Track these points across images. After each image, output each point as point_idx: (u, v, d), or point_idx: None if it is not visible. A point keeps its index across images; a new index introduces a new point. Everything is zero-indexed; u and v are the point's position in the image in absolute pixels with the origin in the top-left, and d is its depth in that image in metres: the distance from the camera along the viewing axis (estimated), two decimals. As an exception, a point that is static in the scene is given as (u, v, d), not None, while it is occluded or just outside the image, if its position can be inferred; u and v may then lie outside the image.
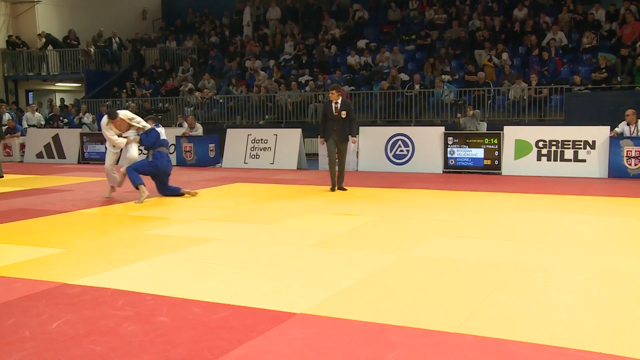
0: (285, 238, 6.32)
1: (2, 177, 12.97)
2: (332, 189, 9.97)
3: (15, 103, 22.94)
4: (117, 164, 9.68)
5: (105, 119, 9.38)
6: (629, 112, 11.74)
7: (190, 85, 20.13)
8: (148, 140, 9.31)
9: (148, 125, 9.42)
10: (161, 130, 9.54)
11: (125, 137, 9.33)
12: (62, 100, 23.56)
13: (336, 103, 9.82)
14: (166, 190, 9.40)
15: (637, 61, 15.01)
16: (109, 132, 9.29)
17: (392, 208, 8.18)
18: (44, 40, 22.71)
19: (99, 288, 4.55)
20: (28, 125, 19.28)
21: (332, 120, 9.88)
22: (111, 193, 9.53)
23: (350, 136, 10.00)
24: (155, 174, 9.31)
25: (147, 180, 9.17)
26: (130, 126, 9.38)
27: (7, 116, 18.64)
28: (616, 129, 11.80)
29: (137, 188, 8.93)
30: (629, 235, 6.34)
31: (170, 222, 7.26)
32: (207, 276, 4.86)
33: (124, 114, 9.42)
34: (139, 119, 9.54)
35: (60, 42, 23.08)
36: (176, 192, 9.44)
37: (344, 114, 9.79)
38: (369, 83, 17.96)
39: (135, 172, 9.01)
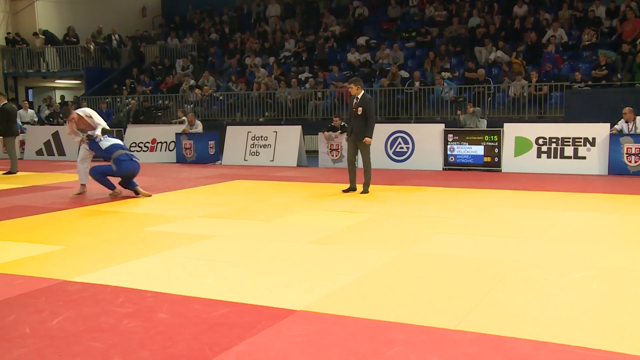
0: (285, 235, 6.32)
1: (16, 172, 13.00)
2: (346, 189, 9.42)
3: (15, 100, 22.92)
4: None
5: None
6: (627, 110, 11.74)
7: (191, 81, 20.14)
8: (95, 148, 9.25)
9: (98, 132, 9.24)
10: (111, 140, 9.27)
11: (88, 135, 9.36)
12: (62, 97, 23.53)
13: (356, 98, 9.31)
14: (129, 184, 9.23)
15: (638, 58, 15.01)
16: (68, 130, 9.64)
17: (392, 205, 8.19)
18: (42, 38, 22.67)
19: (99, 285, 4.56)
20: (22, 122, 19.25)
21: (352, 117, 9.42)
22: (82, 190, 9.52)
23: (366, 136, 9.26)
24: (124, 176, 9.12)
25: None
26: (93, 124, 9.38)
27: None
28: (615, 126, 11.80)
29: (112, 192, 9.09)
30: (628, 232, 6.34)
31: (170, 219, 7.27)
32: (207, 273, 4.86)
33: (83, 111, 9.48)
34: (99, 119, 9.48)
35: (58, 39, 23.04)
36: (133, 187, 9.19)
37: (360, 110, 9.20)
38: (369, 80, 17.95)
39: (104, 176, 8.99)
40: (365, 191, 9.32)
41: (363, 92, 9.39)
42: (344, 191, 9.47)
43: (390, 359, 3.16)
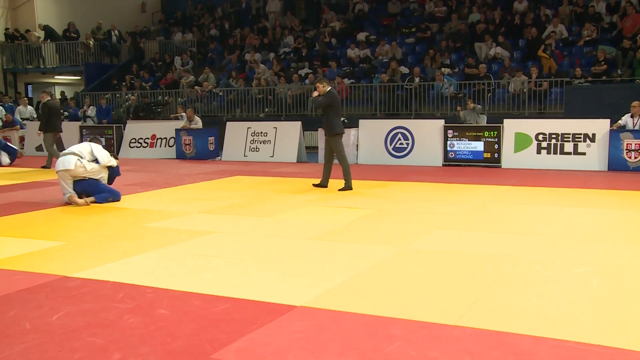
0: (285, 231, 6.32)
1: (50, 168, 13.11)
2: (317, 184, 9.52)
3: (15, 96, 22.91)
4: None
5: None
6: (635, 103, 11.69)
7: (191, 77, 20.11)
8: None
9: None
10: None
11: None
12: (62, 93, 23.49)
13: (323, 96, 9.31)
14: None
15: (638, 54, 14.98)
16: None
17: (392, 201, 8.18)
18: (34, 33, 22.62)
19: (99, 281, 4.56)
20: (21, 118, 19.23)
21: (323, 116, 9.49)
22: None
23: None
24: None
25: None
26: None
27: (1, 111, 18.63)
28: (619, 121, 11.78)
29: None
30: (628, 228, 6.34)
31: (169, 215, 7.26)
32: (207, 269, 4.86)
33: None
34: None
35: (58, 34, 22.99)
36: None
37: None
38: (368, 76, 17.93)
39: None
40: (347, 187, 9.20)
41: (330, 88, 9.34)
42: (315, 185, 9.54)
43: (390, 355, 3.17)
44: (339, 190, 9.22)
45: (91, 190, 8.30)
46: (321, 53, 19.69)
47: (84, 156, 8.26)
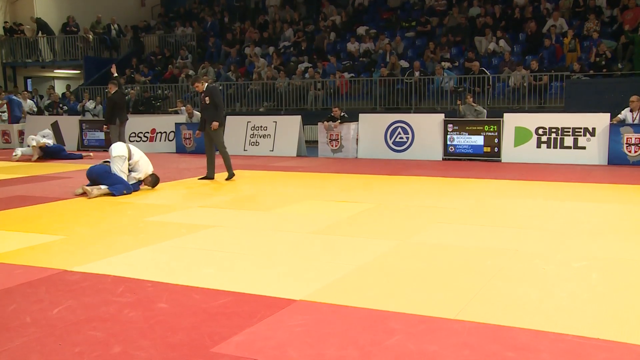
0: (285, 225, 6.33)
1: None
2: (203, 177, 10.05)
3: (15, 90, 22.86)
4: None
5: None
6: (634, 98, 11.67)
7: (190, 72, 20.06)
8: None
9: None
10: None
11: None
12: (68, 86, 23.42)
13: (203, 92, 9.89)
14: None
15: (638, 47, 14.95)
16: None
17: (392, 195, 8.18)
18: (28, 27, 22.55)
19: (99, 275, 4.56)
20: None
21: (203, 111, 10.15)
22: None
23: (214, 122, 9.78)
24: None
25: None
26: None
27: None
28: (619, 115, 11.76)
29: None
30: (628, 222, 6.34)
31: (169, 209, 7.27)
32: (207, 263, 4.87)
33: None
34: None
35: (51, 28, 22.87)
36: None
37: (207, 99, 9.81)
38: (368, 70, 17.90)
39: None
40: (230, 176, 9.83)
41: (207, 84, 9.98)
42: (200, 179, 9.97)
43: (389, 348, 3.17)
44: (226, 179, 9.80)
45: (104, 179, 8.38)
46: (318, 46, 19.60)
47: (131, 158, 8.73)
